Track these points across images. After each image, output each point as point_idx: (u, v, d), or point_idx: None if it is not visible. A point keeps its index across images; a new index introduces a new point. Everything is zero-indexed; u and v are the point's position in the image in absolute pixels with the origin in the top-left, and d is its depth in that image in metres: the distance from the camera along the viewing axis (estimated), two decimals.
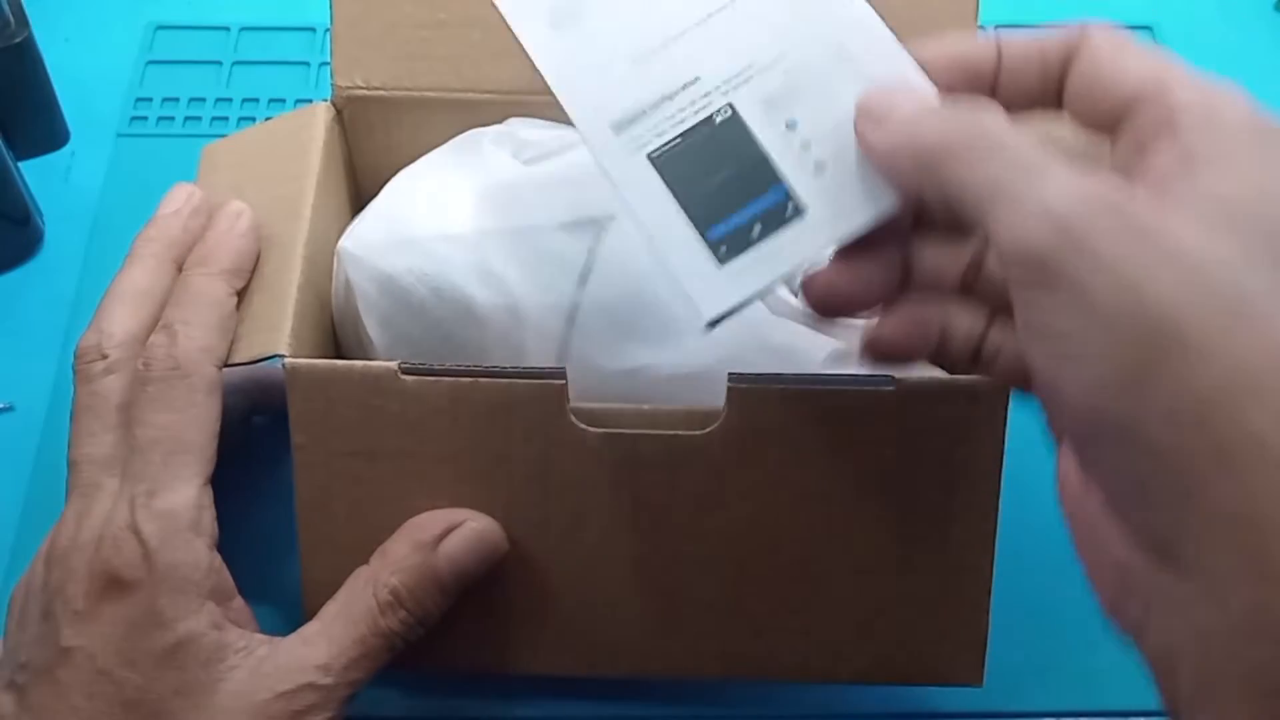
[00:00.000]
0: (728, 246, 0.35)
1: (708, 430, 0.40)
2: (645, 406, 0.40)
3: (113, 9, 0.69)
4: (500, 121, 0.48)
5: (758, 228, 0.35)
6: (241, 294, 0.41)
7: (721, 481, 0.40)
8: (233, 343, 0.40)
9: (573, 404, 0.40)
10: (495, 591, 0.41)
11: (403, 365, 0.39)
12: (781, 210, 0.35)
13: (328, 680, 0.36)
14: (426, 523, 0.39)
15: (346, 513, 0.40)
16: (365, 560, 0.39)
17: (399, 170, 0.48)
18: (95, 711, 0.35)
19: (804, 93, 0.35)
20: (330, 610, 0.38)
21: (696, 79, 0.36)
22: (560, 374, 0.39)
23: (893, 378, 0.39)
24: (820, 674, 0.43)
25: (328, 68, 0.56)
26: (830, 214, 0.34)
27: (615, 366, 0.43)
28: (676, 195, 0.35)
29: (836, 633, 0.42)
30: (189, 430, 0.37)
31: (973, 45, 0.34)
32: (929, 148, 0.31)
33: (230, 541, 0.38)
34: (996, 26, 0.69)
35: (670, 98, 0.36)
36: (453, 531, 0.39)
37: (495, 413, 0.39)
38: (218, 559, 0.37)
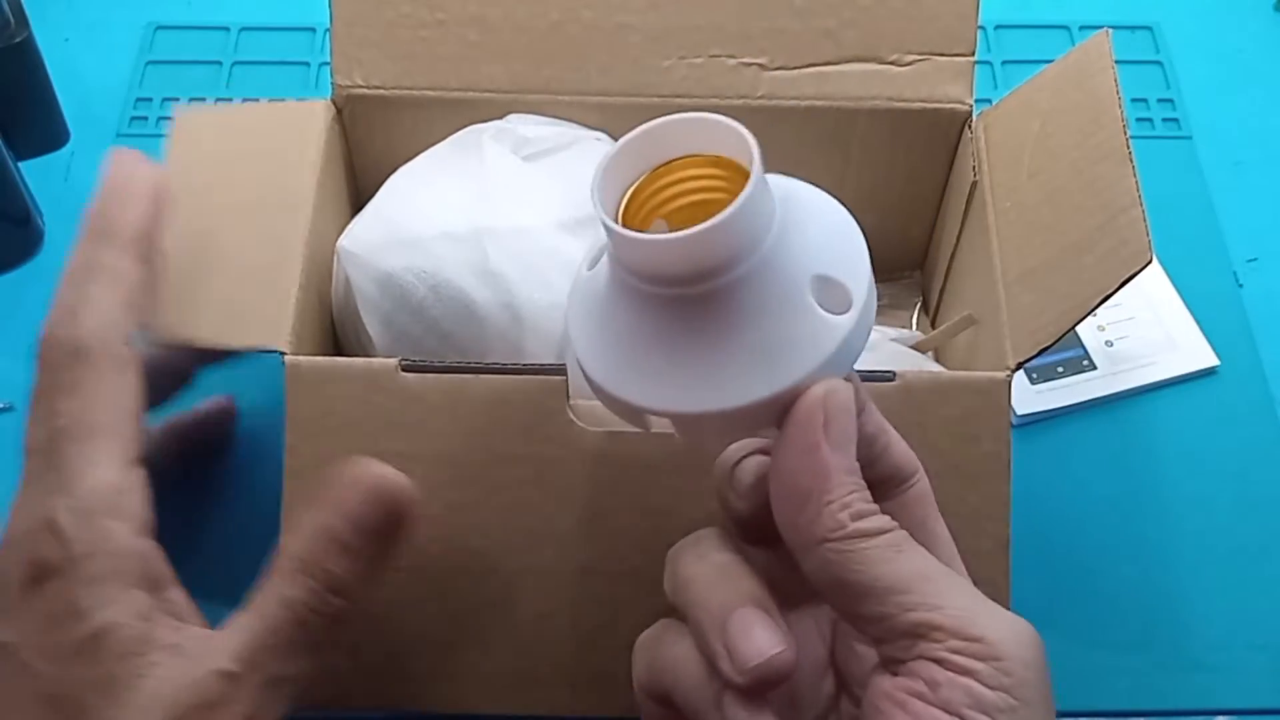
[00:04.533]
0: (1038, 375, 0.55)
1: None
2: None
3: (113, 9, 0.69)
4: (500, 119, 0.48)
5: (1060, 369, 0.55)
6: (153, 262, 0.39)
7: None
8: (230, 331, 0.40)
9: (572, 401, 0.39)
10: (485, 613, 0.40)
11: (403, 362, 0.39)
12: (1079, 362, 0.55)
13: (236, 668, 0.34)
14: (329, 484, 0.36)
15: None
16: None
17: (398, 169, 0.48)
18: (14, 705, 0.34)
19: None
20: (252, 595, 0.36)
21: None
22: (560, 370, 0.39)
23: (894, 373, 0.39)
24: None
25: (328, 68, 0.56)
26: (1110, 374, 0.55)
27: None
28: None
29: None
30: (98, 413, 0.35)
31: None
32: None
33: (207, 543, 0.37)
34: (997, 26, 0.69)
35: None
36: (348, 487, 0.35)
37: (494, 410, 0.39)
38: (147, 544, 0.35)
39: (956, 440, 0.40)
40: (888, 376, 0.39)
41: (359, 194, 0.50)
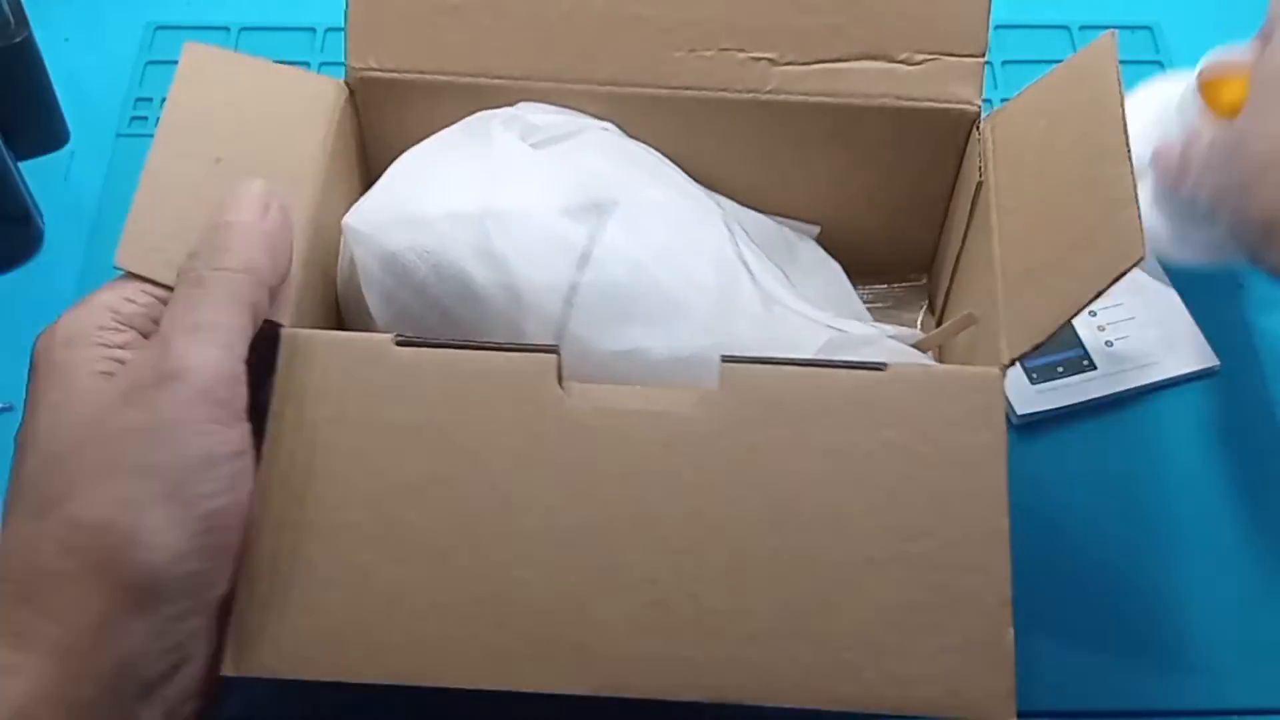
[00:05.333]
0: (1039, 375, 0.55)
1: (696, 407, 0.39)
2: (638, 386, 0.40)
3: (113, 9, 0.69)
4: (510, 105, 0.48)
5: (1060, 369, 0.55)
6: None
7: (716, 461, 0.39)
8: None
9: (565, 380, 0.40)
10: (465, 584, 0.39)
11: (398, 337, 0.40)
12: (1079, 362, 0.56)
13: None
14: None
15: (311, 483, 0.39)
16: (323, 534, 0.38)
17: (407, 150, 0.48)
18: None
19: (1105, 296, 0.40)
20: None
21: None
22: (553, 349, 0.39)
23: (884, 364, 0.40)
24: (827, 697, 0.38)
25: (328, 67, 0.56)
26: (1110, 374, 0.55)
27: (611, 348, 0.43)
28: None
29: (846, 643, 0.38)
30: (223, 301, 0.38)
31: None
32: None
33: None
34: (997, 26, 0.69)
35: None
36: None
37: (486, 386, 0.40)
38: (243, 371, 0.37)
39: (951, 433, 0.40)
40: (878, 366, 0.40)
41: (369, 175, 0.50)
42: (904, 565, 0.38)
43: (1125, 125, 0.41)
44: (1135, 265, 0.38)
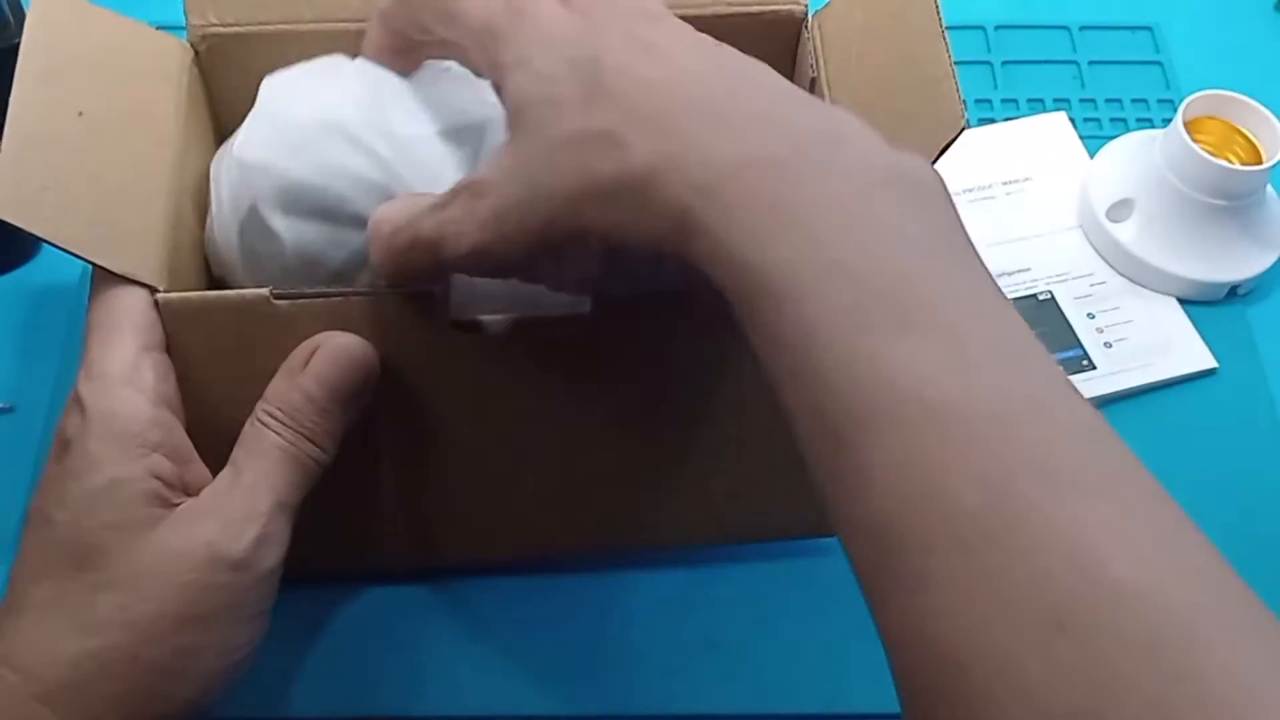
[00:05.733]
0: None
1: (584, 312, 0.41)
2: (520, 315, 0.41)
3: (112, 9, 0.69)
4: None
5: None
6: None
7: (601, 364, 0.42)
8: (105, 251, 0.39)
9: (452, 315, 0.40)
10: (390, 497, 0.45)
11: (274, 291, 0.39)
12: (1079, 362, 0.56)
13: (243, 524, 0.37)
14: (294, 353, 0.40)
15: (237, 432, 0.40)
16: None
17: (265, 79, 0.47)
18: (34, 555, 0.37)
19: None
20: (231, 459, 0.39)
21: (1029, 269, 0.59)
22: (428, 292, 0.40)
23: None
24: (704, 538, 0.48)
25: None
26: (1109, 374, 0.56)
27: None
28: None
29: (708, 500, 0.47)
30: (115, 315, 0.38)
31: None
32: None
33: None
34: (997, 26, 0.69)
35: (1009, 274, 0.59)
36: (316, 351, 0.39)
37: (373, 330, 0.40)
38: (166, 415, 0.38)
39: None
40: None
41: (221, 133, 0.50)
42: (760, 441, 0.45)
43: (938, 6, 0.42)
44: (959, 135, 0.39)
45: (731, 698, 0.47)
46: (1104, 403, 0.55)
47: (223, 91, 0.49)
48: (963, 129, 0.40)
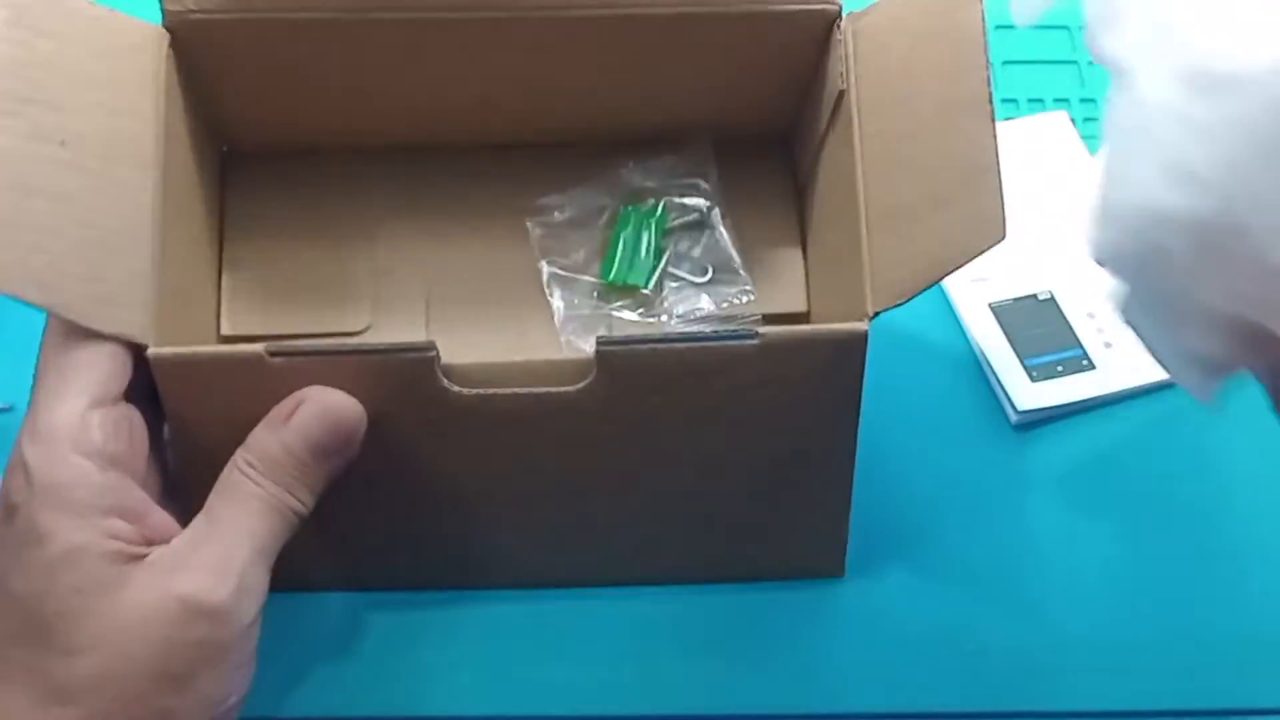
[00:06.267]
0: (1038, 373, 0.54)
1: (579, 387, 0.41)
2: (517, 359, 0.42)
3: (112, 8, 0.69)
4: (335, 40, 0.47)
5: (1060, 368, 0.55)
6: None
7: (597, 432, 0.43)
8: (93, 311, 0.39)
9: (444, 363, 0.40)
10: (383, 525, 0.45)
11: (269, 348, 0.39)
12: (1079, 362, 0.55)
13: (209, 580, 0.36)
14: (280, 405, 0.39)
15: None
16: None
17: (249, 103, 0.48)
18: None
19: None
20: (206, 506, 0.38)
21: (1029, 268, 0.58)
22: (428, 347, 0.40)
23: (756, 332, 0.41)
24: (700, 578, 0.49)
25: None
26: (1109, 374, 0.55)
27: None
28: (1006, 332, 0.55)
29: (715, 547, 0.48)
30: (65, 367, 0.38)
31: None
32: None
33: None
34: (997, 26, 0.69)
35: (1009, 274, 0.58)
36: (299, 407, 0.39)
37: (367, 389, 0.40)
38: (115, 477, 0.37)
39: (815, 385, 0.43)
40: (750, 335, 0.41)
41: (209, 136, 0.49)
42: (764, 492, 0.46)
43: (989, 76, 0.41)
44: (997, 244, 0.39)
45: (732, 698, 0.47)
46: (1104, 403, 0.55)
47: (200, 84, 0.47)
48: (1002, 238, 0.39)
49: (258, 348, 0.39)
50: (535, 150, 0.53)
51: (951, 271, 0.40)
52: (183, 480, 0.41)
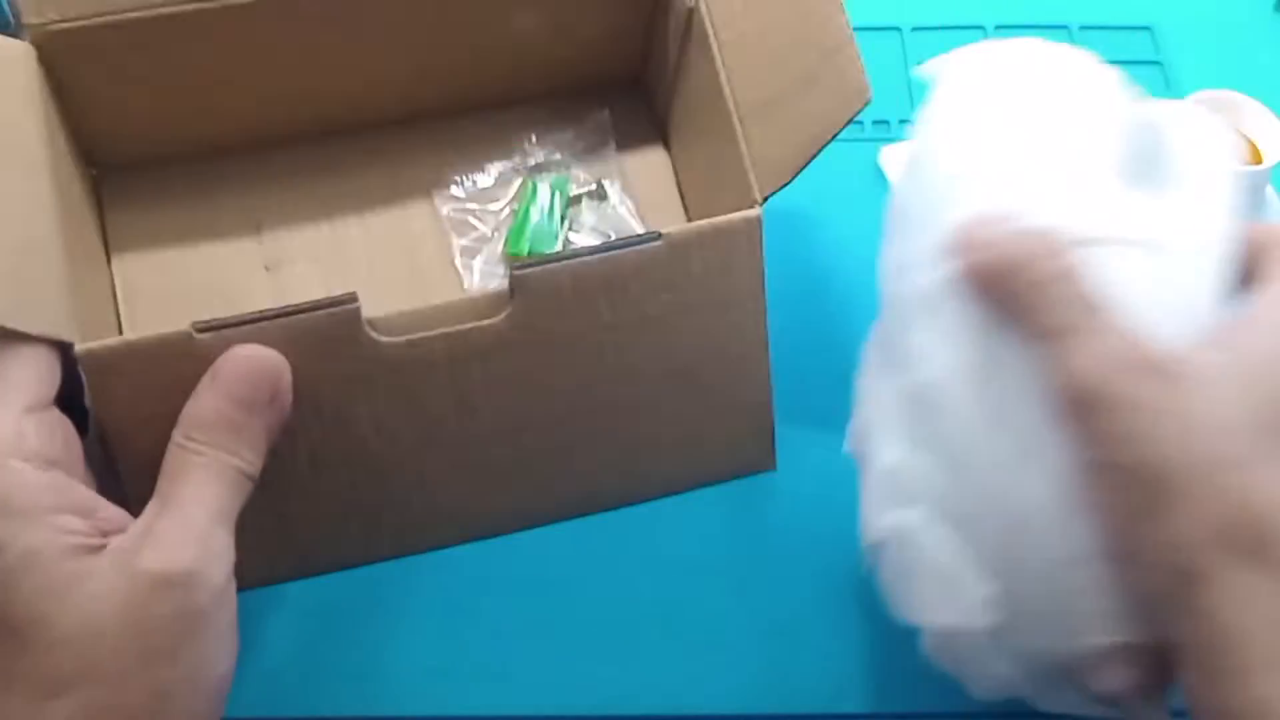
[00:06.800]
0: None
1: (500, 317, 0.42)
2: (436, 303, 0.42)
3: None
4: (205, 34, 0.46)
5: None
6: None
7: (522, 359, 0.44)
8: (13, 311, 0.38)
9: (368, 317, 0.41)
10: (333, 499, 0.45)
11: (195, 325, 0.39)
12: None
13: (171, 560, 0.36)
14: (204, 376, 0.39)
15: None
16: None
17: (117, 113, 0.47)
18: None
19: None
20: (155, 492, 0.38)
21: None
22: (352, 298, 0.40)
23: (660, 233, 0.43)
24: (643, 496, 0.49)
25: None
26: None
27: None
28: None
29: (649, 461, 0.48)
30: (1, 359, 0.37)
31: None
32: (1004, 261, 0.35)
33: None
34: (997, 26, 0.69)
35: None
36: (221, 367, 0.39)
37: (296, 348, 0.40)
38: (58, 477, 0.36)
39: (719, 277, 0.44)
40: (654, 237, 0.43)
41: (84, 144, 0.48)
42: (687, 394, 0.47)
43: None
44: (865, 106, 0.41)
45: (731, 698, 0.47)
46: None
47: (70, 98, 0.47)
48: (869, 100, 0.41)
49: (184, 328, 0.39)
50: (424, 127, 0.55)
51: (826, 142, 0.42)
52: (115, 483, 0.41)
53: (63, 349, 0.39)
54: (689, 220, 0.54)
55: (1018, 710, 0.47)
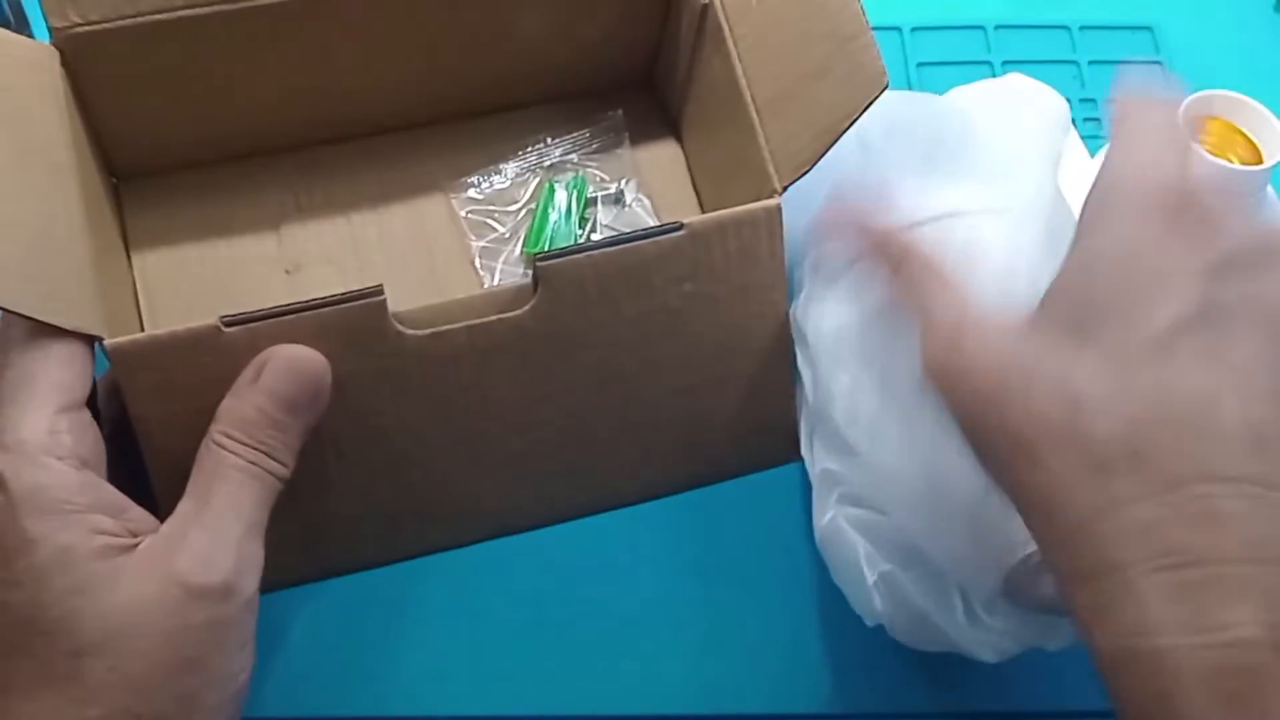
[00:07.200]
0: None
1: (523, 310, 0.43)
2: (460, 296, 0.43)
3: None
4: (225, 36, 0.47)
5: None
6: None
7: (547, 351, 0.44)
8: (40, 304, 0.38)
9: (393, 310, 0.41)
10: (354, 496, 0.44)
11: (223, 319, 0.39)
12: None
13: (202, 562, 0.36)
14: (244, 372, 0.39)
15: None
16: None
17: (139, 117, 0.47)
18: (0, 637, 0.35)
19: None
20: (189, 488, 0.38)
21: None
22: (378, 290, 0.41)
23: (682, 223, 0.43)
24: (667, 490, 0.49)
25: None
26: None
27: None
28: None
29: (675, 454, 0.48)
30: (26, 376, 0.37)
31: None
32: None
33: None
34: (997, 26, 0.69)
35: None
36: (265, 366, 0.39)
37: (321, 342, 0.40)
38: (90, 476, 0.37)
39: (741, 267, 0.45)
40: (676, 227, 0.43)
41: (103, 143, 0.49)
42: (709, 385, 0.47)
43: None
44: (883, 91, 0.41)
45: (731, 698, 0.47)
46: None
47: (93, 101, 0.47)
48: (886, 85, 0.41)
49: (212, 321, 0.39)
50: (439, 129, 0.55)
51: (844, 130, 0.43)
52: (132, 484, 0.40)
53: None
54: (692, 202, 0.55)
55: (1018, 710, 0.47)
